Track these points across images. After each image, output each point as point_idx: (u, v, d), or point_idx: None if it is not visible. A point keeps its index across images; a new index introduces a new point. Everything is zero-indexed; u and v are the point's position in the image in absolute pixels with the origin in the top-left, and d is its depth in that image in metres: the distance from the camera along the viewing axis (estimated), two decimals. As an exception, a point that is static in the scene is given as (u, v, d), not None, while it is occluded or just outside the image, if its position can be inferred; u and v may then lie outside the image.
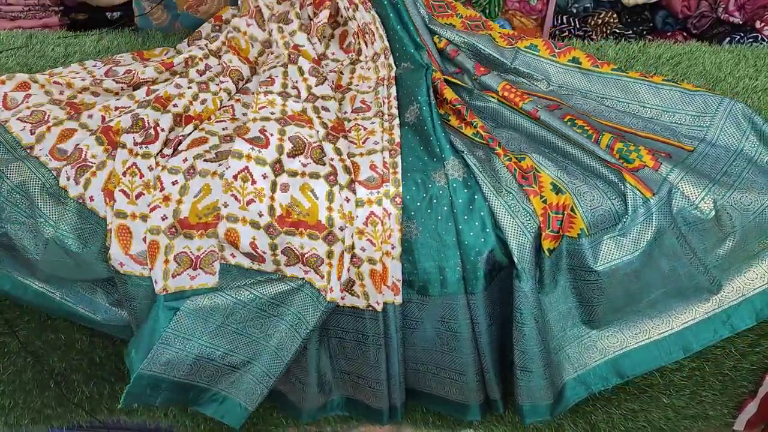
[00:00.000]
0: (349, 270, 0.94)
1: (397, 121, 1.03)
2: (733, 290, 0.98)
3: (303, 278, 0.95)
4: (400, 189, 0.95)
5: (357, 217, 0.94)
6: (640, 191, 0.91)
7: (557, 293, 0.97)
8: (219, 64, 1.12)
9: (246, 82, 1.12)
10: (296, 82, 1.05)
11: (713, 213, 0.90)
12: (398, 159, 0.97)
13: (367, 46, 1.15)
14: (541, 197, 0.93)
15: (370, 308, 0.96)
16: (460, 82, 1.12)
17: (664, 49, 1.23)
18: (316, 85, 1.04)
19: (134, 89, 1.07)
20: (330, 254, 0.93)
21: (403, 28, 1.14)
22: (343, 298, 0.95)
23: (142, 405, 1.23)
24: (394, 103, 1.05)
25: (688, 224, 0.92)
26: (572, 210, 0.92)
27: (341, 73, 1.14)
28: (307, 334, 0.96)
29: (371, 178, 0.96)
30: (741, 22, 1.35)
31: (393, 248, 0.93)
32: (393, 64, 1.11)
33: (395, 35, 1.14)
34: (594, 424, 1.14)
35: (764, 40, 1.31)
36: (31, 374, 1.19)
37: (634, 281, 0.94)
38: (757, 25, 1.32)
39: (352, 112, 1.07)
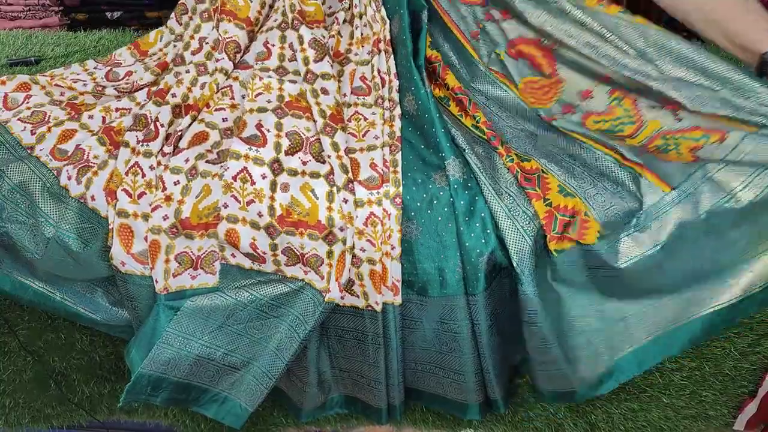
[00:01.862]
0: (349, 270, 0.94)
1: (398, 110, 1.01)
2: (756, 277, 0.94)
3: (303, 279, 0.95)
4: (401, 189, 0.94)
5: (357, 217, 0.93)
6: (657, 185, 0.89)
7: (576, 288, 0.96)
8: (213, 29, 1.07)
9: (244, 53, 1.07)
10: (295, 51, 1.03)
11: (748, 202, 0.86)
12: (398, 156, 0.97)
13: None
14: (545, 200, 0.92)
15: (369, 308, 0.96)
16: (474, 53, 1.04)
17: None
18: (315, 60, 1.01)
19: (135, 92, 1.07)
20: (330, 254, 0.93)
21: None
22: (342, 298, 0.95)
23: (142, 404, 1.24)
24: (395, 83, 1.02)
25: (715, 214, 0.88)
26: (585, 214, 0.91)
27: (340, 35, 1.08)
28: (306, 335, 0.96)
29: (371, 178, 0.95)
30: (741, 22, 1.34)
31: (393, 249, 0.93)
32: (385, 17, 1.05)
33: None
34: (594, 424, 1.14)
35: (764, 40, 1.30)
36: (31, 374, 1.19)
37: (658, 274, 0.93)
38: (758, 24, 1.31)
39: (351, 93, 1.04)
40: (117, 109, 1.02)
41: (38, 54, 1.23)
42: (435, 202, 0.93)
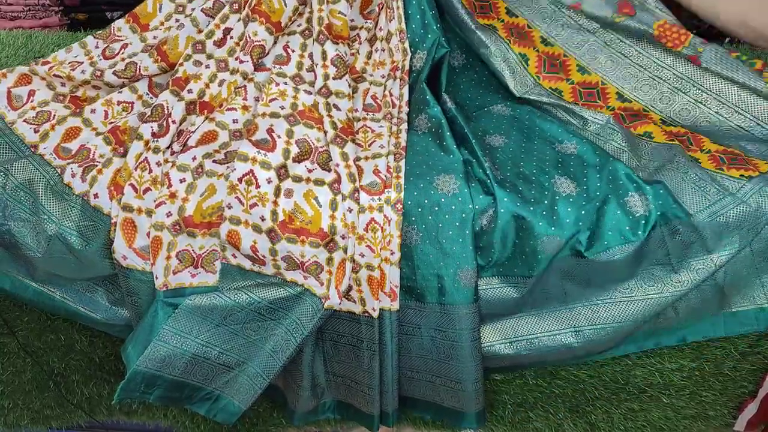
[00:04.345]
0: (349, 278, 0.93)
1: (405, 125, 1.02)
2: None
3: (302, 285, 0.95)
4: (402, 195, 0.94)
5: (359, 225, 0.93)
6: None
7: None
8: (239, 21, 1.05)
9: (266, 55, 1.06)
10: (316, 65, 1.03)
11: None
12: (402, 163, 0.97)
13: (385, 22, 1.10)
14: (704, 150, 0.92)
15: (366, 314, 0.96)
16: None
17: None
18: (333, 78, 1.02)
19: (135, 81, 1.05)
20: (330, 261, 0.93)
21: (418, 8, 1.09)
22: (340, 303, 0.95)
23: (141, 405, 1.23)
24: (405, 109, 1.04)
25: None
26: (746, 155, 0.90)
27: (357, 53, 1.09)
28: (302, 339, 0.96)
29: (374, 183, 0.95)
30: (741, 23, 1.34)
31: (392, 254, 0.93)
32: (408, 49, 1.08)
33: (411, 16, 1.09)
34: (594, 424, 1.14)
35: (764, 41, 1.30)
36: (30, 375, 1.19)
37: None
38: (757, 25, 1.32)
39: (363, 109, 1.05)
40: (119, 102, 1.02)
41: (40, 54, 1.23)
42: (436, 208, 0.93)
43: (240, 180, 0.93)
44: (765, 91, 0.95)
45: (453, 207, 0.92)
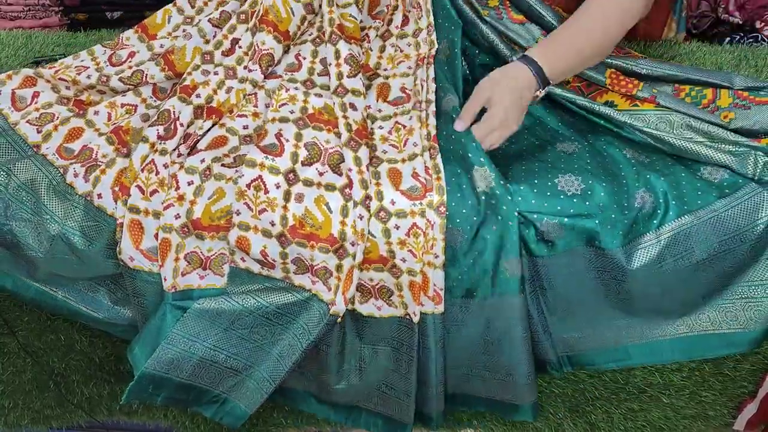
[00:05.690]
0: (356, 286, 0.93)
1: (432, 108, 1.01)
2: None
3: (310, 290, 0.95)
4: (445, 197, 0.92)
5: (398, 228, 0.92)
6: None
7: None
8: (247, 31, 1.06)
9: (276, 64, 1.07)
10: (329, 65, 1.03)
11: None
12: (439, 160, 0.96)
13: (409, 22, 1.11)
14: None
15: (407, 317, 0.95)
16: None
17: (665, 48, 1.23)
18: (348, 76, 1.02)
19: (141, 86, 1.05)
20: (339, 268, 0.92)
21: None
22: (380, 308, 0.95)
23: (141, 405, 1.24)
24: (432, 86, 1.03)
25: None
26: None
27: (370, 50, 1.09)
28: (308, 345, 0.96)
29: (414, 188, 0.94)
30: (741, 22, 1.34)
31: (436, 257, 0.92)
32: (435, 41, 1.08)
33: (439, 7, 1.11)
34: (594, 424, 1.14)
35: (764, 40, 1.31)
36: (30, 375, 1.19)
37: None
38: (757, 25, 1.32)
39: (391, 104, 1.04)
40: (122, 105, 1.02)
41: (53, 54, 1.23)
42: (478, 205, 0.92)
43: (248, 186, 0.92)
44: (716, 121, 0.98)
45: (493, 202, 0.92)
